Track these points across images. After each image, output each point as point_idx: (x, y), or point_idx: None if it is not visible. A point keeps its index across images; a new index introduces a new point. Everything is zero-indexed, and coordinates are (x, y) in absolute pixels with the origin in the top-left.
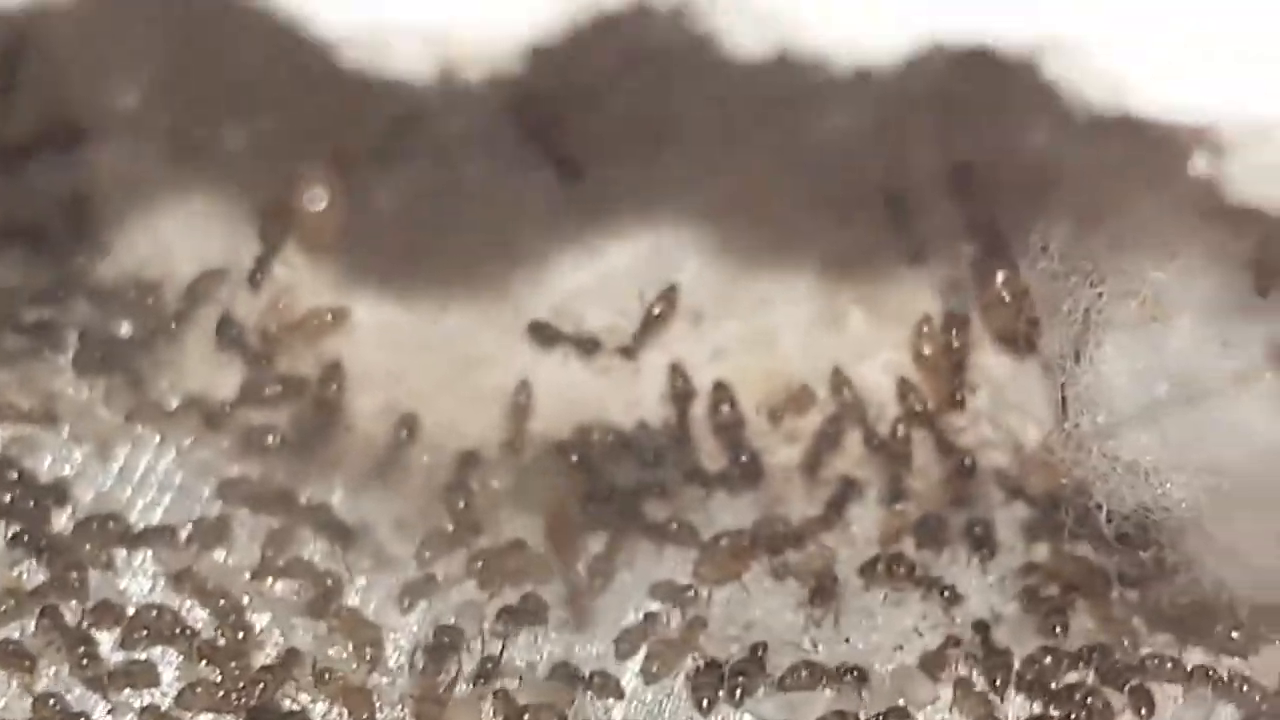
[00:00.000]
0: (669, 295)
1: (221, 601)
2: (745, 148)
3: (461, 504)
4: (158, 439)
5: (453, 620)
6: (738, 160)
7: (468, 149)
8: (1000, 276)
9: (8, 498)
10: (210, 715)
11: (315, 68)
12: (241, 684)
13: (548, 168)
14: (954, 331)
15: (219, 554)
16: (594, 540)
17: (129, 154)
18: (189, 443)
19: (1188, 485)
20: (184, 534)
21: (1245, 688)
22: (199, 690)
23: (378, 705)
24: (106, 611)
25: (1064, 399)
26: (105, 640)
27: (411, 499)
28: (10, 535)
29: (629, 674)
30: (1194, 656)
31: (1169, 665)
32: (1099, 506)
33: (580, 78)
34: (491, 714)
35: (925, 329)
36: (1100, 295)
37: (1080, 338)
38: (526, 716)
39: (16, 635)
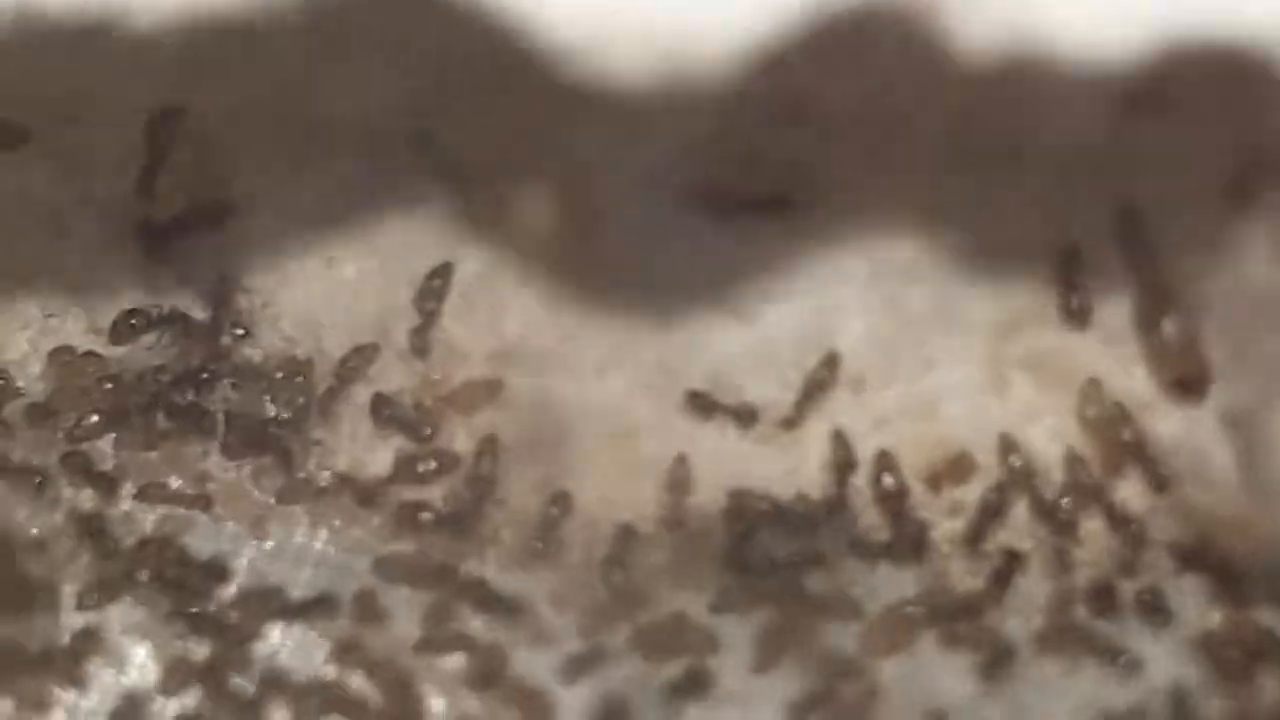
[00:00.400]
0: (830, 361)
1: (390, 674)
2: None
3: (619, 578)
4: (309, 519)
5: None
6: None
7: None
8: (1168, 323)
9: (167, 574)
10: None
11: None
12: None
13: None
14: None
15: (381, 629)
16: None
17: (275, 227)
18: (340, 522)
19: None
20: (343, 608)
21: None
22: None
23: None
24: (274, 684)
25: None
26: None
27: (569, 573)
28: (171, 610)
29: None
30: None
31: None
32: None
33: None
34: None
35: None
36: None
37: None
38: None
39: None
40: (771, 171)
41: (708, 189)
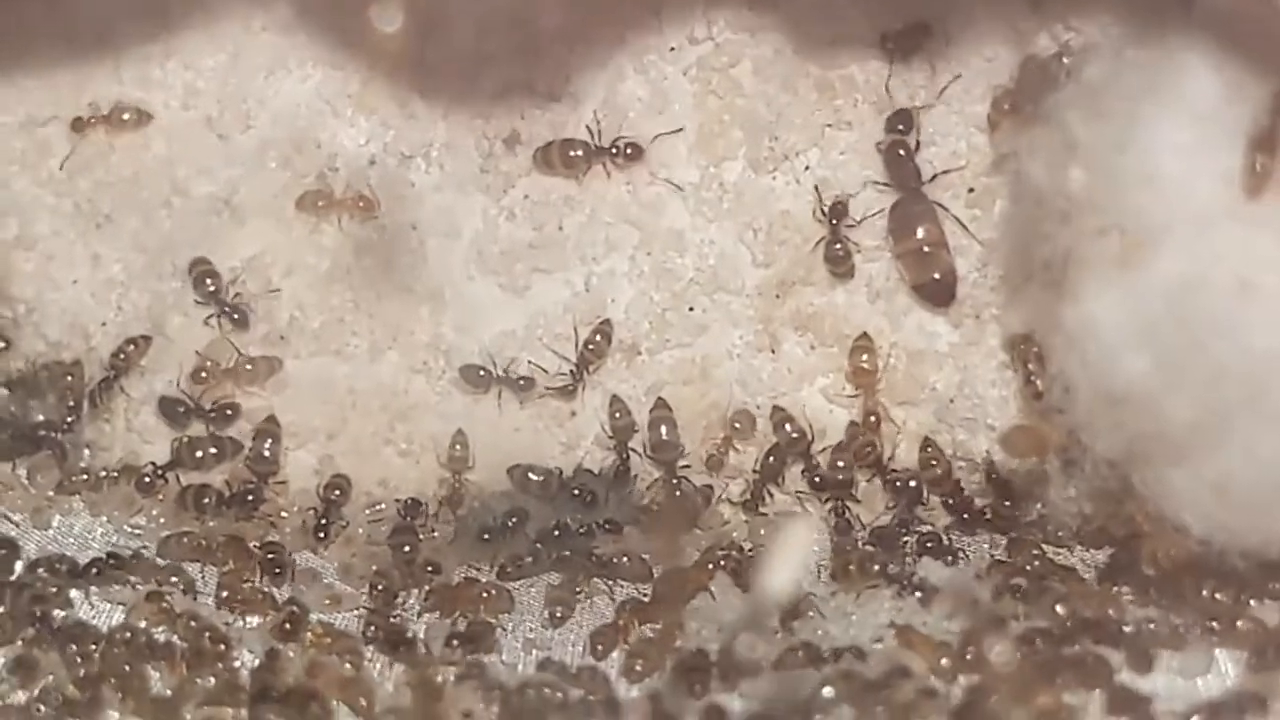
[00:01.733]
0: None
1: (193, 623)
2: None
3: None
4: (89, 508)
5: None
6: None
7: None
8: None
9: None
10: None
11: None
12: None
13: None
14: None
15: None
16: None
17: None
18: (120, 510)
19: (1188, 406)
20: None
21: (1243, 624)
22: None
23: None
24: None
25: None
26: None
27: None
28: None
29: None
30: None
31: (1165, 630)
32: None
33: None
34: None
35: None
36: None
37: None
38: None
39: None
40: None
41: None
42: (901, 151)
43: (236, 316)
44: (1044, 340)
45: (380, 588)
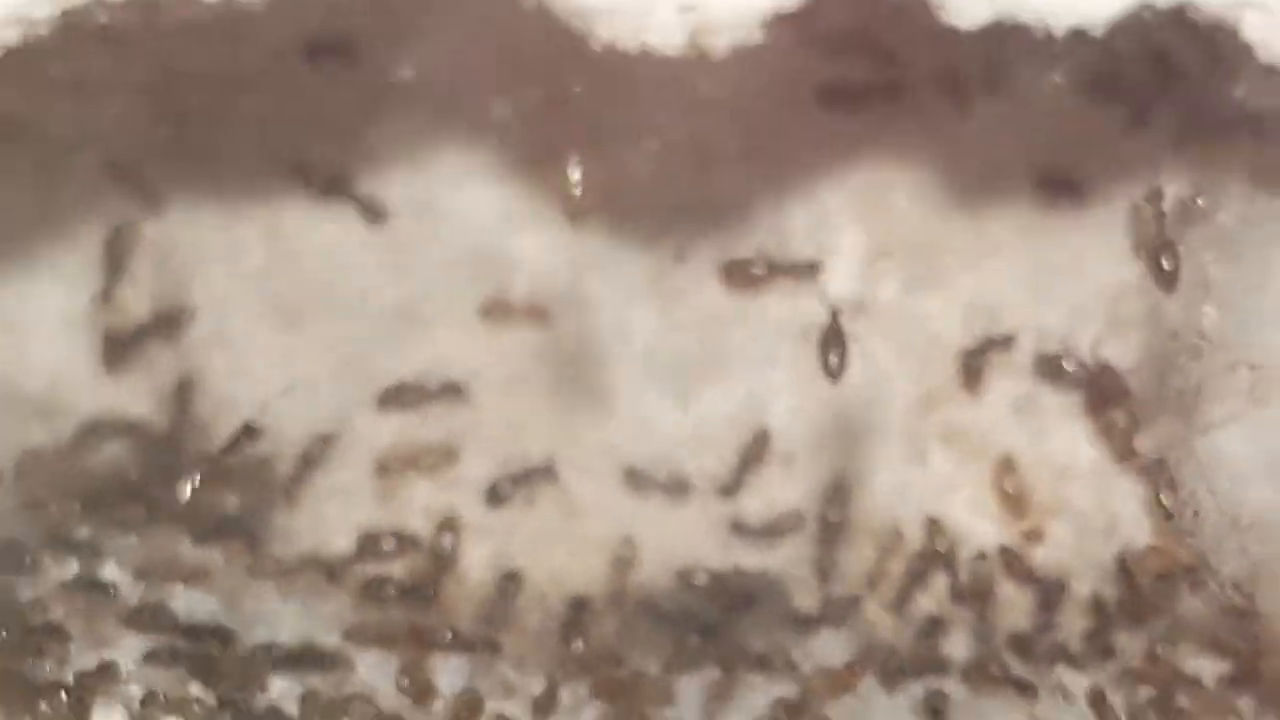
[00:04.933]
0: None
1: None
2: None
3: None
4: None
5: None
6: None
7: None
8: None
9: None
10: None
11: None
12: None
13: None
14: None
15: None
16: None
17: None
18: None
19: None
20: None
21: None
22: None
23: None
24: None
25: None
26: None
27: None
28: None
29: None
30: None
31: None
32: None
33: None
34: None
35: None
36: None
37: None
38: None
39: None
40: None
41: None
42: None
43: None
44: (1176, 466)
45: (554, 676)
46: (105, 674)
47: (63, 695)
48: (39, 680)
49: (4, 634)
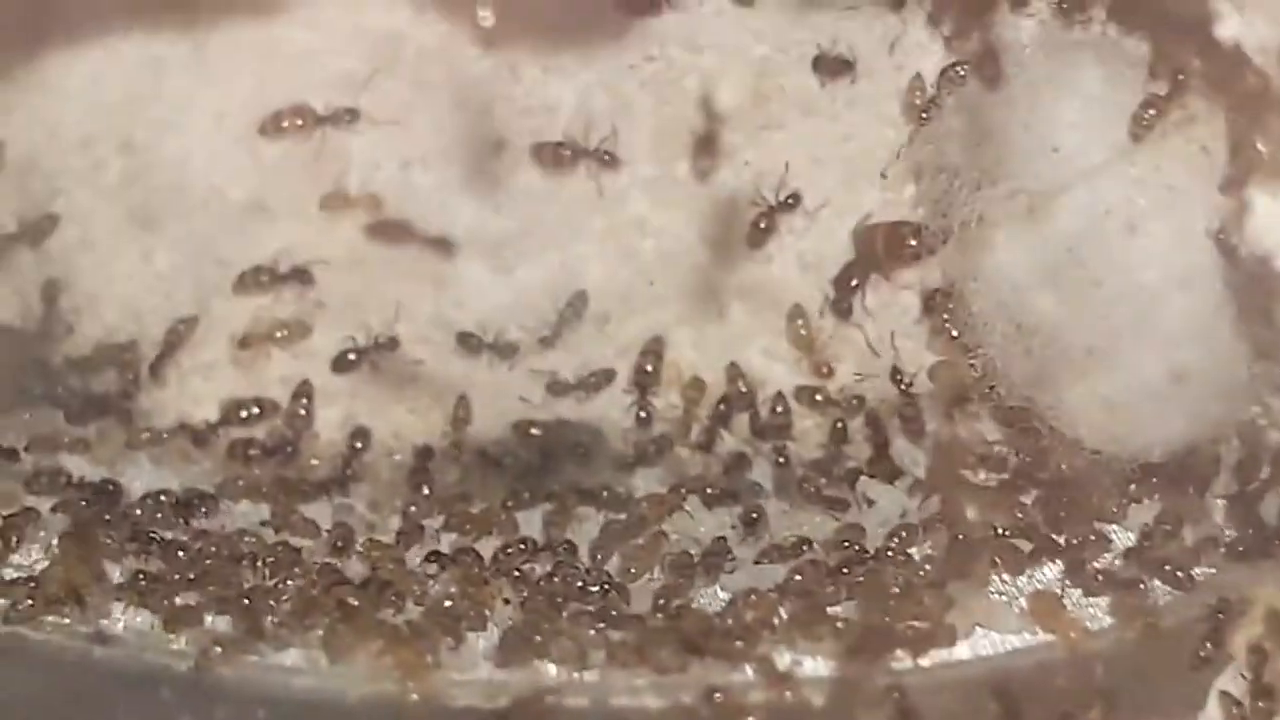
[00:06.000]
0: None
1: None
2: None
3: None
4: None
5: None
6: None
7: None
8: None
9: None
10: None
11: None
12: None
13: None
14: None
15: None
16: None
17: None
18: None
19: (1085, 333)
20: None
21: None
22: None
23: None
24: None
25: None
26: None
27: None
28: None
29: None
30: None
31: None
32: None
33: None
34: None
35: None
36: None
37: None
38: None
39: None
40: None
41: None
42: None
43: (304, 274)
44: (961, 289)
45: (409, 513)
46: (27, 516)
47: None
48: None
49: None
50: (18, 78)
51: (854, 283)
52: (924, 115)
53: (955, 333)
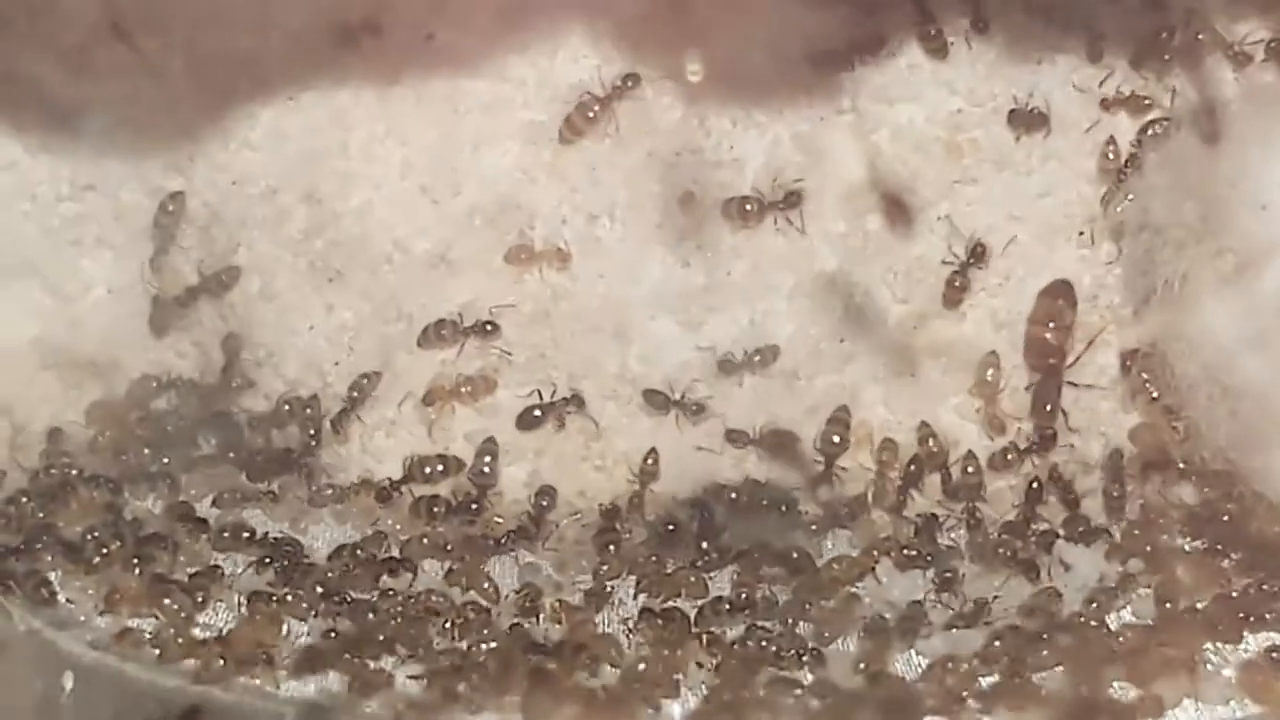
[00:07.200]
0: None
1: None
2: None
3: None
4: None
5: None
6: None
7: None
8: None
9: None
10: None
11: None
12: None
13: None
14: None
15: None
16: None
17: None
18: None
19: None
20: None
21: None
22: None
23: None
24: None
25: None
26: None
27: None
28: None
29: None
30: None
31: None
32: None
33: None
34: None
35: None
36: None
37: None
38: None
39: None
40: None
41: None
42: None
43: (489, 328)
44: (1165, 350)
45: (599, 573)
46: (212, 575)
47: (181, 592)
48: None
49: (119, 544)
50: (200, 128)
51: (1048, 407)
52: (1122, 173)
53: (1155, 394)
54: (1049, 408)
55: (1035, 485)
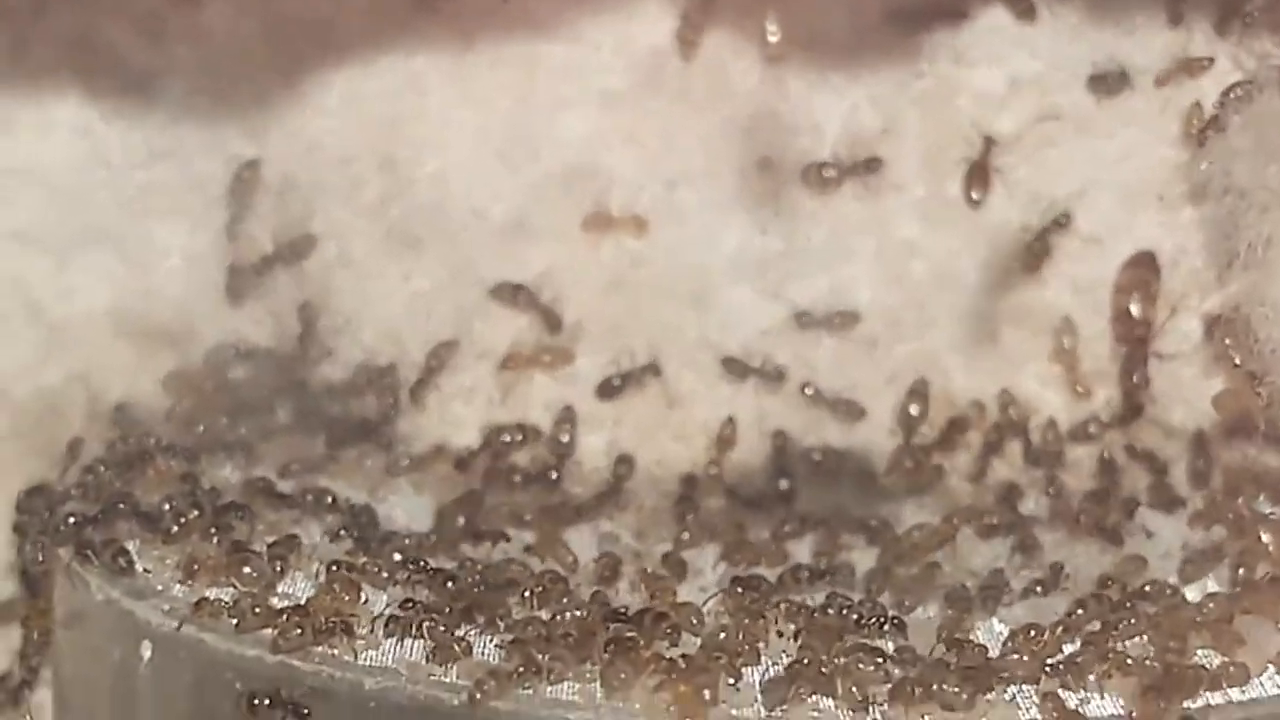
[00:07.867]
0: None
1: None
2: None
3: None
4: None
5: None
6: None
7: None
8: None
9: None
10: None
11: None
12: None
13: None
14: None
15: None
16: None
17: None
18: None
19: None
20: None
21: None
22: None
23: None
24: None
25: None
26: None
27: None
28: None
29: None
30: None
31: None
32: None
33: None
34: None
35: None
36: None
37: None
38: None
39: None
40: None
41: None
42: None
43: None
44: (1249, 315)
45: (680, 540)
46: (291, 544)
47: (260, 561)
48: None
49: (197, 513)
50: (275, 95)
51: (1135, 379)
52: (1204, 136)
53: (1238, 359)
54: (1137, 380)
55: (1118, 454)
